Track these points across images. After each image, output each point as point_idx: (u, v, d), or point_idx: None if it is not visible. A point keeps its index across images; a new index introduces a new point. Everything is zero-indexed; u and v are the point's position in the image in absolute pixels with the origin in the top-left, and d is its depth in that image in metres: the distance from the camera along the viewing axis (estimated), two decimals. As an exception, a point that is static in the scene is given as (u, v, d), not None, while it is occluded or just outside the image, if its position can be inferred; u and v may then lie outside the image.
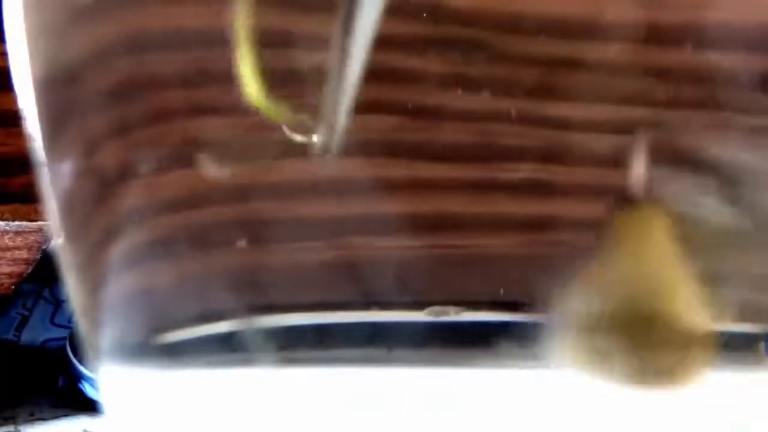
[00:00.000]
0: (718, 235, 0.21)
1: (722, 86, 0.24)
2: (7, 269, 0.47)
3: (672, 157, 0.21)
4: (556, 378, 0.25)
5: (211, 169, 0.23)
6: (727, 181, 0.21)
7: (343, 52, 0.22)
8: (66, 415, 0.48)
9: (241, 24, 0.22)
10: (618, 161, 0.25)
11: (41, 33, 0.27)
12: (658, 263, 0.21)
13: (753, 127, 0.21)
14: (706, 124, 0.24)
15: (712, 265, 0.21)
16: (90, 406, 0.48)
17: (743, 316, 0.26)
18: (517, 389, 0.26)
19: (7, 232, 0.45)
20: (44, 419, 0.48)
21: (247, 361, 0.26)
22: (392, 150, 0.25)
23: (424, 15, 0.24)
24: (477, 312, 0.26)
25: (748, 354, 0.25)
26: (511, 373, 0.26)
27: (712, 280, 0.21)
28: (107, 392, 0.29)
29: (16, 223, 0.45)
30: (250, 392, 0.26)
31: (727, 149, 0.21)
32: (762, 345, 0.25)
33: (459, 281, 0.26)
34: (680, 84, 0.24)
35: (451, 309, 0.23)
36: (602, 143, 0.24)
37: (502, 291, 0.26)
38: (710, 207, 0.21)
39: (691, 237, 0.21)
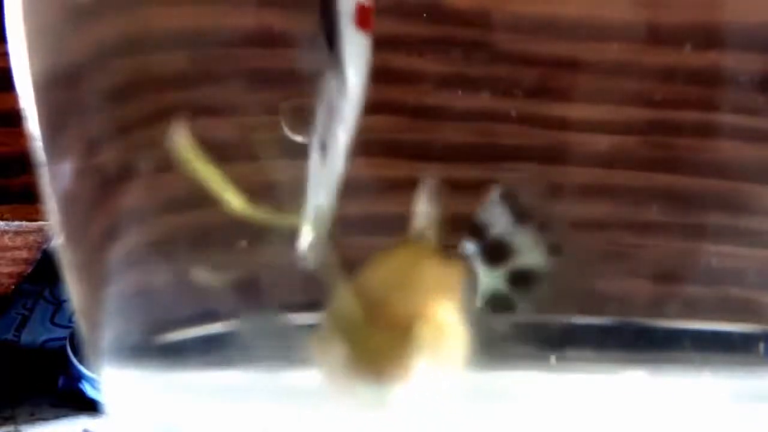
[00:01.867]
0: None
1: (721, 87, 0.24)
2: (7, 269, 0.47)
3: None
4: (556, 378, 0.25)
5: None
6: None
7: (322, 167, 0.22)
8: (66, 415, 0.48)
9: (186, 147, 0.22)
10: (617, 161, 0.25)
11: (41, 34, 0.27)
12: (409, 284, 0.22)
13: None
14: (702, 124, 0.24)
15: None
16: (90, 406, 0.48)
17: (743, 316, 0.26)
18: (519, 389, 0.26)
19: (7, 231, 0.45)
20: (44, 419, 0.48)
21: (247, 361, 0.26)
22: (392, 150, 0.25)
23: (424, 15, 0.24)
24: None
25: (748, 354, 0.25)
26: (510, 373, 0.26)
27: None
28: (107, 392, 0.29)
29: (16, 222, 0.45)
30: (251, 392, 0.26)
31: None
32: (762, 345, 0.25)
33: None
34: (680, 84, 0.24)
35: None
36: (602, 143, 0.24)
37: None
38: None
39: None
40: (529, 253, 0.23)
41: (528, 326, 0.25)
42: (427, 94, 0.24)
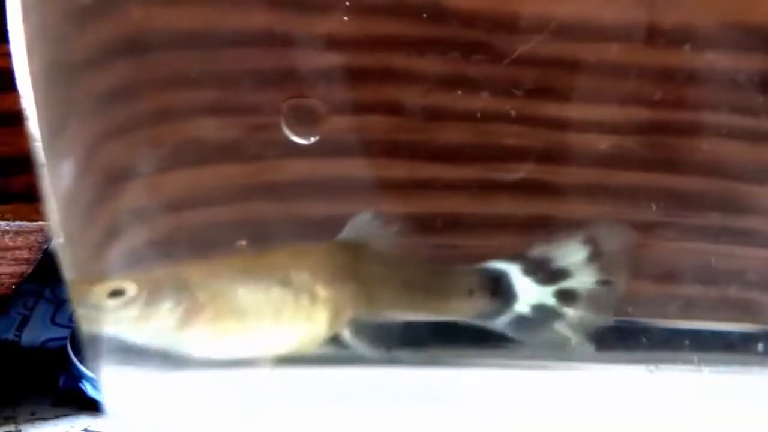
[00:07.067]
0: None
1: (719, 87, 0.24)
2: (7, 269, 0.47)
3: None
4: (556, 378, 0.25)
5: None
6: None
7: None
8: (67, 415, 0.48)
9: None
10: (617, 161, 0.25)
11: (42, 33, 0.27)
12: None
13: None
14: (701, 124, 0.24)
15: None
16: (91, 406, 0.48)
17: (742, 316, 0.26)
18: (518, 388, 0.26)
19: (7, 231, 0.45)
20: (45, 419, 0.48)
21: (248, 362, 0.26)
22: (392, 150, 0.25)
23: (424, 15, 0.24)
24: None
25: (747, 353, 0.25)
26: (512, 373, 0.26)
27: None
28: (107, 392, 0.29)
29: (17, 222, 0.45)
30: (251, 392, 0.26)
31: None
32: (760, 345, 0.25)
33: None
34: (680, 84, 0.24)
35: None
36: (602, 143, 0.24)
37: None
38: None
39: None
40: (580, 278, 0.26)
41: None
42: (427, 94, 0.24)
